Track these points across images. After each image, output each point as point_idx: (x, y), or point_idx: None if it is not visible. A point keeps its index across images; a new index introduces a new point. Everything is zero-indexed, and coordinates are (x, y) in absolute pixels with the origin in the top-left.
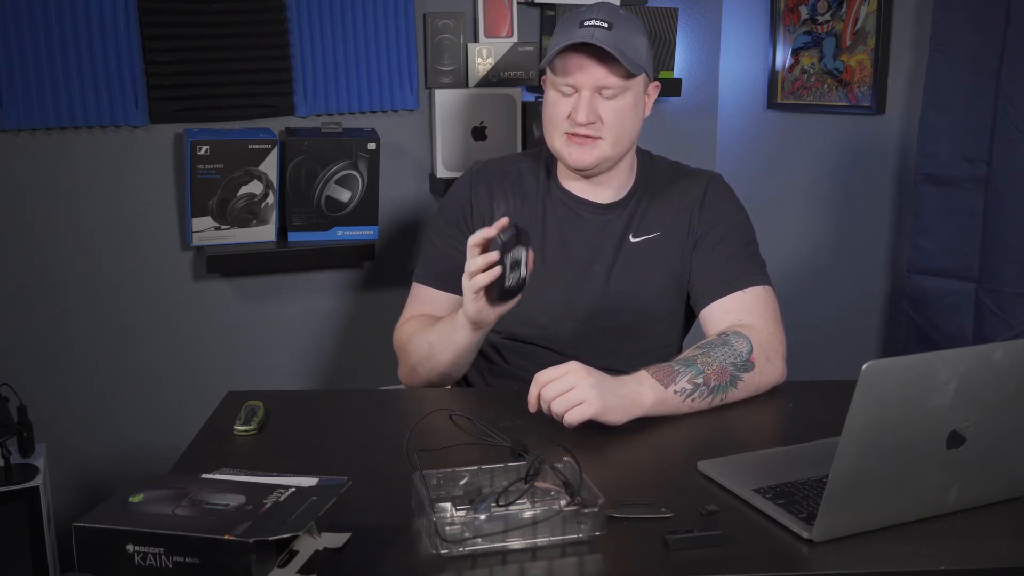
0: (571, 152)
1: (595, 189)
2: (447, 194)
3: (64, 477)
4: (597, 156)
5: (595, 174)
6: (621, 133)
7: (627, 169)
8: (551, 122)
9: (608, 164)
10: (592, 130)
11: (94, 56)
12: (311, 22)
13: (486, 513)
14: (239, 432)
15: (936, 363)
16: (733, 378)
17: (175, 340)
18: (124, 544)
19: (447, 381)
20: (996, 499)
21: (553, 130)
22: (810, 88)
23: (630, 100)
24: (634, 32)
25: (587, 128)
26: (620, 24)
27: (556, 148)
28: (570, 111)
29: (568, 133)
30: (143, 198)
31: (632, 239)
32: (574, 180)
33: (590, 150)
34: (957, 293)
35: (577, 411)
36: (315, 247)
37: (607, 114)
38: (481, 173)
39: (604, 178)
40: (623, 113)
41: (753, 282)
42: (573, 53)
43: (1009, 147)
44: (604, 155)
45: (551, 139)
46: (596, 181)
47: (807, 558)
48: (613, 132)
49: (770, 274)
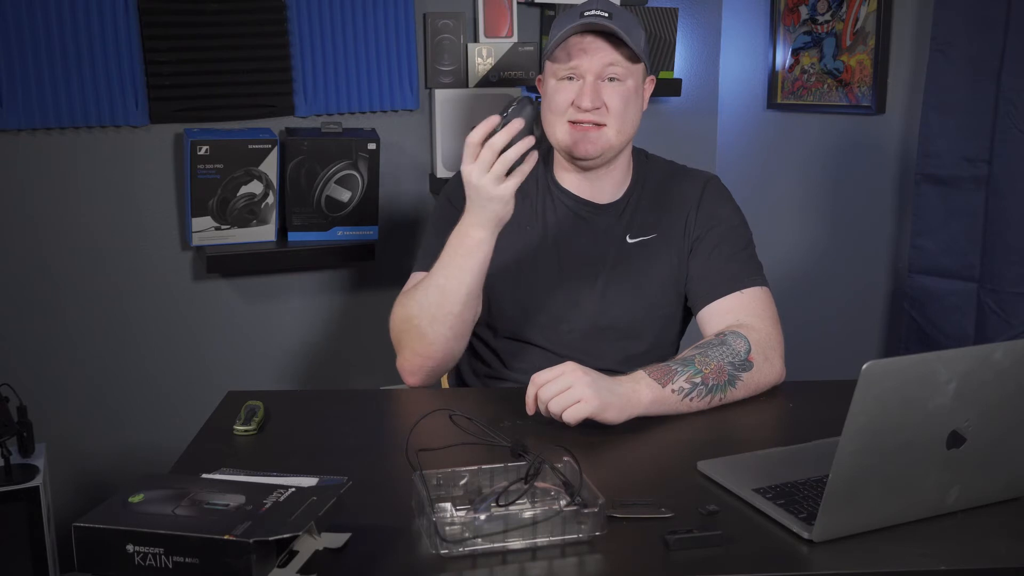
0: (576, 141)
1: (592, 187)
2: (447, 187)
3: (64, 477)
4: (603, 144)
5: (596, 165)
6: (625, 120)
7: (624, 166)
8: (553, 111)
9: (611, 154)
10: (597, 116)
11: (94, 56)
12: (311, 22)
13: (486, 513)
14: (239, 432)
15: (936, 363)
16: (731, 377)
17: (175, 340)
18: (124, 544)
19: (454, 347)
20: (996, 499)
21: (555, 119)
22: (810, 88)
23: (632, 86)
24: (633, 25)
25: (592, 114)
26: (619, 15)
27: (559, 139)
28: (573, 98)
29: (572, 121)
30: (143, 198)
31: (629, 240)
32: (572, 176)
33: (596, 138)
34: (958, 293)
35: (575, 409)
36: (315, 247)
37: (612, 99)
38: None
39: (603, 172)
40: (627, 98)
41: (751, 283)
42: (575, 39)
43: (1009, 147)
44: (609, 142)
45: (553, 130)
46: (594, 175)
47: (807, 558)
48: (618, 118)
49: (770, 274)
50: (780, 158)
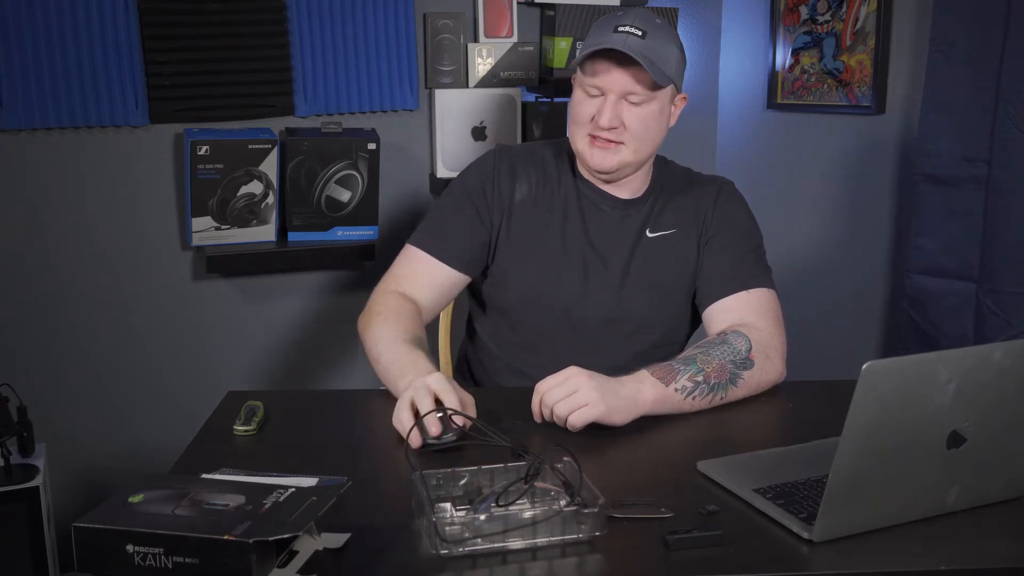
0: (592, 154)
1: (612, 187)
2: (467, 169)
3: (64, 477)
4: (618, 161)
5: (614, 179)
6: (644, 140)
7: (644, 175)
8: (575, 121)
9: (629, 170)
10: (615, 135)
11: (94, 56)
12: (311, 22)
13: (486, 513)
14: (239, 432)
15: (936, 363)
16: (733, 376)
17: (175, 340)
18: (124, 544)
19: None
20: (996, 499)
21: (577, 130)
22: (810, 88)
23: (655, 109)
24: (667, 42)
25: (610, 133)
26: (654, 33)
27: (579, 149)
28: (595, 113)
29: (591, 135)
30: (143, 198)
31: (649, 234)
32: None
33: (612, 155)
34: (957, 293)
35: (582, 413)
36: (315, 247)
37: (631, 120)
38: (504, 153)
39: (622, 181)
40: (647, 121)
41: (757, 284)
42: (604, 56)
43: (1009, 147)
44: (625, 161)
45: (574, 139)
46: (613, 181)
47: (807, 558)
48: (636, 139)
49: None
50: (780, 158)
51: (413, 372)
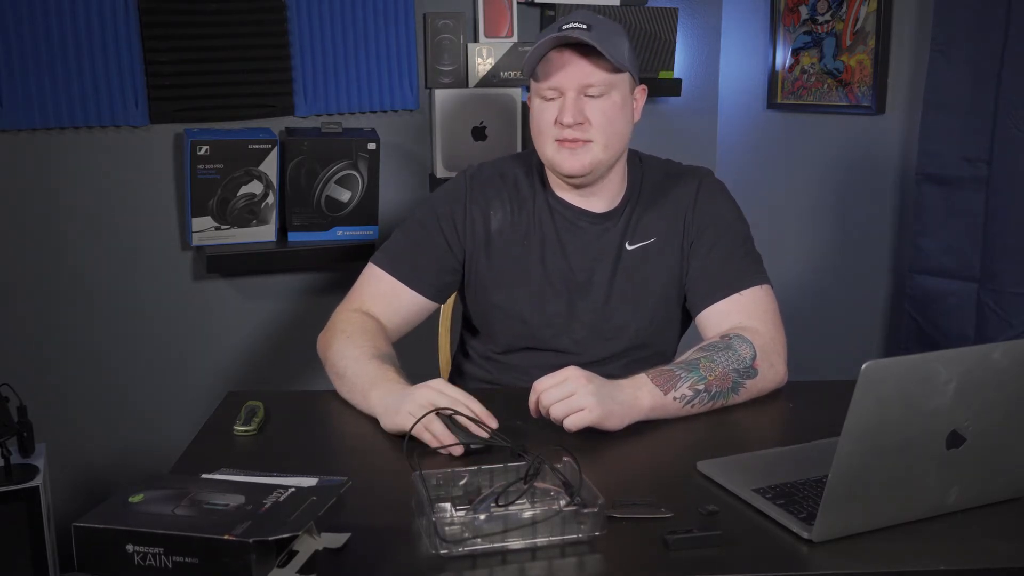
0: (563, 159)
1: (588, 199)
2: (436, 194)
3: (64, 477)
4: (589, 161)
5: (587, 182)
6: (611, 134)
7: (619, 179)
8: (539, 131)
9: (601, 169)
10: (581, 132)
11: (94, 56)
12: (311, 22)
13: (486, 513)
14: (239, 432)
15: (936, 363)
16: (735, 384)
17: (175, 340)
18: (124, 544)
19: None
20: (996, 499)
21: (543, 139)
22: (810, 88)
23: (617, 100)
24: (614, 34)
25: (576, 130)
26: (599, 26)
27: (548, 157)
28: (556, 116)
29: (558, 140)
30: (143, 198)
31: (629, 247)
32: (567, 190)
33: (582, 154)
34: (958, 293)
35: (577, 417)
36: (315, 247)
37: (594, 114)
38: (476, 179)
39: (597, 188)
40: (610, 113)
41: (751, 282)
42: (555, 55)
43: (1009, 147)
44: (596, 158)
45: (542, 149)
46: (588, 191)
47: (807, 558)
48: (603, 133)
49: (770, 274)
50: (780, 158)
51: (385, 384)
